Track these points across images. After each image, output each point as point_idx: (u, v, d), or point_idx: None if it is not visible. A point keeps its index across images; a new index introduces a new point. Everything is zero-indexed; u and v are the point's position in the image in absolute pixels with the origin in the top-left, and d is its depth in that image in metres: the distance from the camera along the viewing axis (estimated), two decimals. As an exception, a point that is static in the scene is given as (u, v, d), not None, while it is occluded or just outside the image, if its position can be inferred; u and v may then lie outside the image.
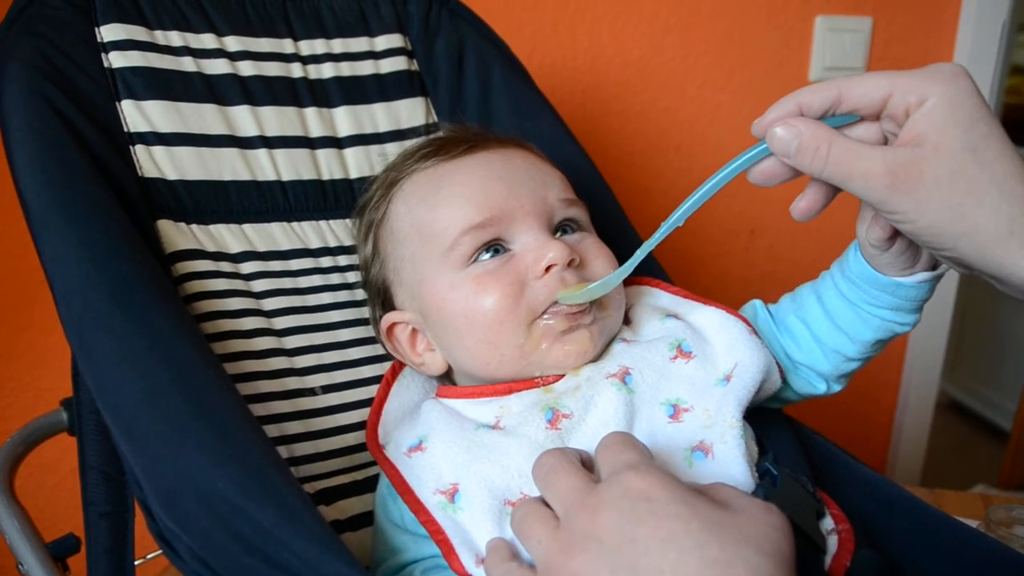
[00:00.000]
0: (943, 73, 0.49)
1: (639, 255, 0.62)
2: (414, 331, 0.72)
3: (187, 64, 0.77)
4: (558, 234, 0.69)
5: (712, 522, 0.43)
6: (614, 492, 0.46)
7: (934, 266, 0.62)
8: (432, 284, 0.68)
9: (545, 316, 0.65)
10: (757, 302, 0.74)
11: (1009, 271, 0.47)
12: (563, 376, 0.66)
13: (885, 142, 0.53)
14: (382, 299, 0.74)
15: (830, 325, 0.68)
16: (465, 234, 0.66)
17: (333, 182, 0.82)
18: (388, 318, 0.72)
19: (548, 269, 0.65)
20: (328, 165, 0.82)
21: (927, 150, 0.48)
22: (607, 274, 0.68)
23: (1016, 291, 0.49)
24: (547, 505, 0.49)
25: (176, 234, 0.72)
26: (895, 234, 0.58)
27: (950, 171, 0.47)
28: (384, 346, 0.75)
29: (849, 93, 0.52)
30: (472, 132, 0.74)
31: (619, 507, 0.44)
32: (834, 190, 0.55)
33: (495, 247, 0.67)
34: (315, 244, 0.79)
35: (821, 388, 0.72)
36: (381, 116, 0.86)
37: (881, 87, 0.50)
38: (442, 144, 0.72)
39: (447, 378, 0.74)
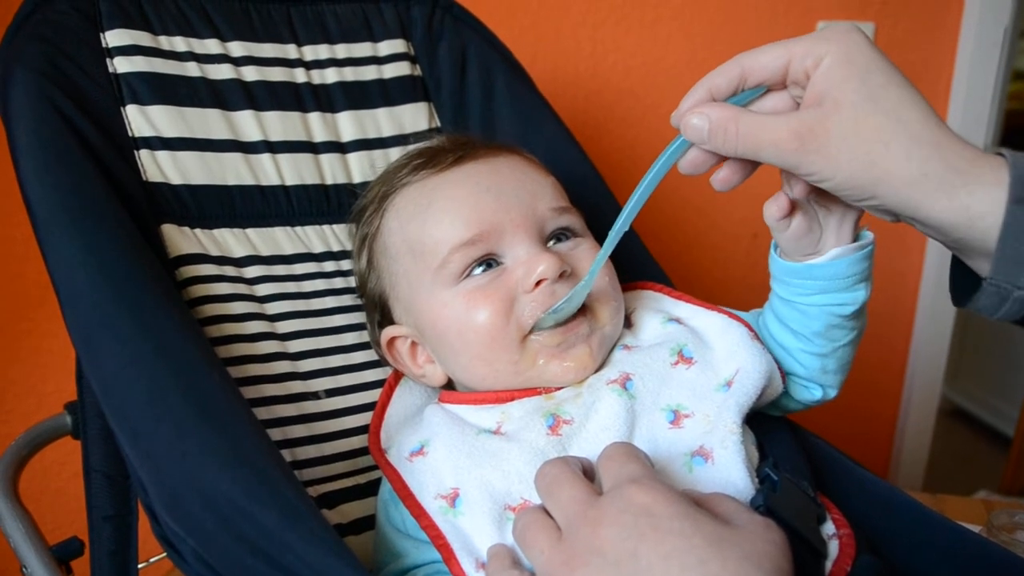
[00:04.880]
0: (836, 32, 0.50)
1: (593, 270, 0.63)
2: (413, 344, 0.72)
3: (191, 69, 0.77)
4: (551, 242, 0.69)
5: (714, 538, 0.43)
6: (616, 505, 0.46)
7: (853, 240, 0.62)
8: (426, 301, 0.68)
9: (534, 334, 0.65)
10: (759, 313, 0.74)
11: (926, 213, 0.48)
12: (564, 383, 0.66)
13: (798, 108, 0.54)
14: (380, 312, 0.74)
15: (784, 329, 0.68)
16: (455, 252, 0.66)
17: (336, 187, 0.83)
18: (388, 332, 0.72)
19: (539, 283, 0.64)
20: (331, 170, 0.83)
21: (828, 107, 0.49)
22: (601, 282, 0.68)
23: (936, 232, 0.49)
24: (549, 514, 0.49)
25: (180, 238, 0.72)
26: (790, 211, 0.60)
27: (854, 123, 0.48)
28: (385, 359, 0.75)
29: (751, 67, 0.53)
30: (461, 141, 0.73)
31: (621, 521, 0.45)
32: (752, 162, 0.56)
33: (487, 261, 0.66)
34: (318, 248, 0.80)
35: (817, 394, 0.71)
36: (384, 121, 0.86)
37: (779, 56, 0.52)
38: (432, 155, 0.72)
39: (448, 384, 0.74)
